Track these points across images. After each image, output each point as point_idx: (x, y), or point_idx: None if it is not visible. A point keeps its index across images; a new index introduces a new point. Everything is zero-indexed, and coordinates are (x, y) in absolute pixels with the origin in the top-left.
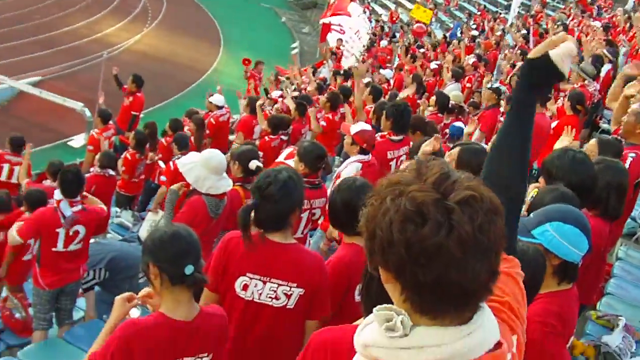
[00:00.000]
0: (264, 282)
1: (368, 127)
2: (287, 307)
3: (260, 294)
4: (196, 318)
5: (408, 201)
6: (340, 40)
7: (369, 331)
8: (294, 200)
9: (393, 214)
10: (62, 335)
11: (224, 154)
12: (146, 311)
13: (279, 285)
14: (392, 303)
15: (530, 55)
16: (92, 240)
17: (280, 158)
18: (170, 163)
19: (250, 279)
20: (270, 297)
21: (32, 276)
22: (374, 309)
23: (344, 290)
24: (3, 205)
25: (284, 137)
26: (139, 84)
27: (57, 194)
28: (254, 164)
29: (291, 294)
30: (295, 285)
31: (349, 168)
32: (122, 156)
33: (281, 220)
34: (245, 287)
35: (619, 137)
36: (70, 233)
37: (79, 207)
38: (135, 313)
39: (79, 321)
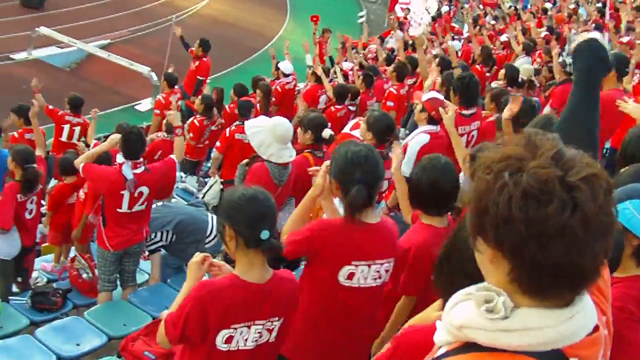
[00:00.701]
0: (369, 266)
1: (440, 96)
2: (384, 282)
3: (366, 278)
4: (269, 282)
5: (530, 177)
6: (408, 9)
7: (462, 311)
8: (380, 176)
9: (512, 189)
10: (127, 297)
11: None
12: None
13: (382, 264)
14: (467, 281)
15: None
16: (159, 203)
17: (346, 129)
18: (227, 130)
19: (356, 266)
20: (374, 279)
21: (96, 237)
22: (474, 289)
23: (428, 276)
24: (71, 168)
25: (352, 108)
26: (206, 48)
27: (120, 157)
28: (327, 132)
29: (388, 270)
30: (392, 259)
31: (417, 139)
32: (189, 121)
33: (371, 198)
34: (351, 276)
35: None
36: (135, 194)
37: (142, 168)
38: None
39: (143, 284)
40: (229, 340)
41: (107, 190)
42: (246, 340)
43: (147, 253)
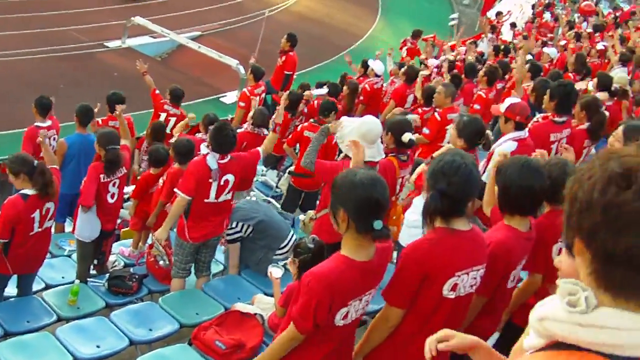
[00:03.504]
0: (468, 274)
1: (517, 99)
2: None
3: (465, 286)
4: (374, 257)
5: (617, 164)
6: (501, 13)
7: (546, 306)
8: (472, 187)
9: (599, 175)
10: (201, 287)
11: None
12: (288, 272)
13: (478, 270)
14: None
15: None
16: (248, 198)
17: None
18: (300, 125)
19: (459, 276)
20: (472, 286)
21: (176, 227)
22: (560, 281)
23: (502, 275)
24: (161, 160)
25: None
26: (293, 43)
27: (204, 148)
28: (407, 136)
29: (482, 274)
30: (484, 264)
31: (504, 146)
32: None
33: (467, 205)
34: (454, 287)
35: None
36: (222, 183)
37: (228, 157)
38: (278, 273)
39: (217, 274)
40: (345, 316)
41: (199, 185)
42: (357, 311)
43: (224, 240)
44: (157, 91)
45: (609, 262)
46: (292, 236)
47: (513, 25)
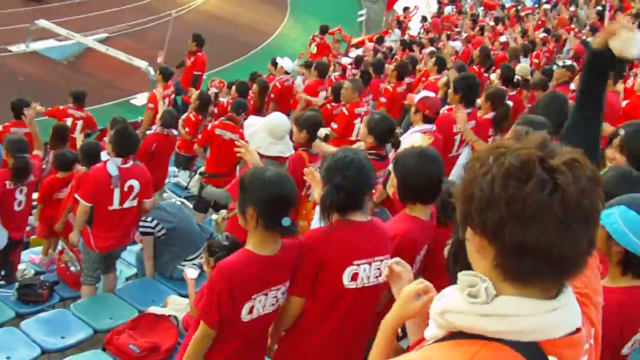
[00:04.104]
0: (370, 264)
1: (431, 94)
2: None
3: (369, 276)
4: (280, 252)
5: (513, 157)
6: (408, 8)
7: (446, 298)
8: (364, 181)
9: (496, 171)
10: (112, 285)
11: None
12: (203, 273)
13: (382, 260)
14: None
15: (592, 47)
16: (173, 201)
17: None
18: (210, 124)
19: (359, 265)
20: (376, 277)
21: (82, 235)
22: (460, 274)
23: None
24: (67, 164)
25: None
26: (199, 43)
27: (104, 155)
28: (322, 131)
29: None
30: (389, 256)
31: (411, 137)
32: (185, 116)
33: (363, 198)
34: (355, 277)
35: None
36: (125, 189)
37: (130, 163)
38: (193, 274)
39: (131, 278)
40: (251, 310)
41: (99, 193)
42: (264, 306)
43: (138, 234)
44: (48, 108)
45: (517, 254)
46: (201, 249)
47: (424, 19)
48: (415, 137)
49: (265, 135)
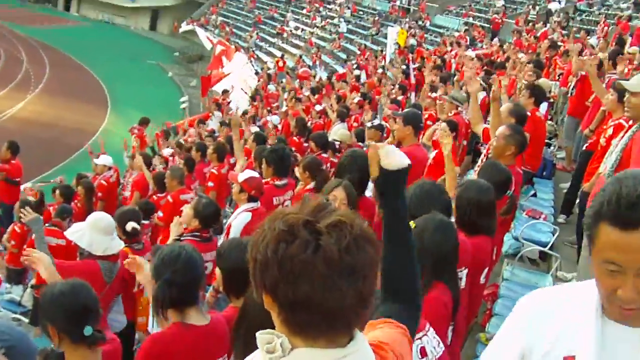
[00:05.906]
0: None
1: (255, 174)
2: None
3: None
4: None
5: (281, 222)
6: (227, 91)
7: (254, 358)
8: (201, 266)
9: (269, 235)
10: None
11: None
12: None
13: None
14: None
15: (372, 176)
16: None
17: None
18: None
19: None
20: None
21: None
22: (257, 333)
23: None
24: None
25: None
26: (14, 149)
27: None
28: (130, 225)
29: None
30: (225, 356)
31: (239, 218)
32: (10, 229)
33: (197, 291)
34: None
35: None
36: None
37: None
38: None
39: None
40: None
41: None
42: None
43: None
44: None
45: (292, 309)
46: None
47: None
48: (241, 218)
49: (101, 236)
